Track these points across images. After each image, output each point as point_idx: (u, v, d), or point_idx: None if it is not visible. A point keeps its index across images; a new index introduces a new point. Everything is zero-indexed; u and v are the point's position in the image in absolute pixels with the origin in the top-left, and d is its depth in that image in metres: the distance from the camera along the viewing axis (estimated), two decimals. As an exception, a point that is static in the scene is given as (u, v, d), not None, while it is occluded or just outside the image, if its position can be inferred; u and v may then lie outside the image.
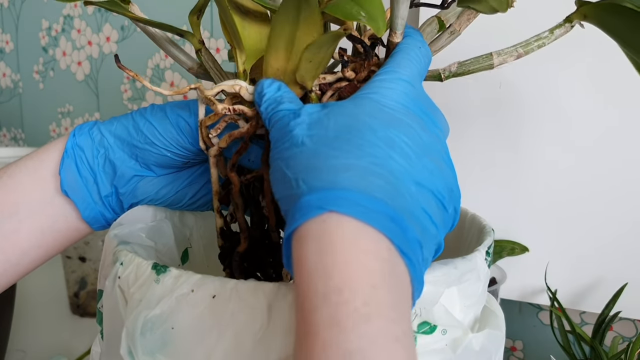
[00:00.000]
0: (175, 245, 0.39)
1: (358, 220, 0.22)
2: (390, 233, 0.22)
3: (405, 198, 0.24)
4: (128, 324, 0.28)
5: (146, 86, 0.33)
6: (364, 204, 0.22)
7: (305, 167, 0.24)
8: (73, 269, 0.74)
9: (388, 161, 0.24)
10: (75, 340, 0.70)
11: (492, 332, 0.30)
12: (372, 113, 0.26)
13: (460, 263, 0.29)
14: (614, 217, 0.56)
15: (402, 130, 0.25)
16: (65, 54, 1.09)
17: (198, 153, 0.35)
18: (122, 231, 0.34)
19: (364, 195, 0.22)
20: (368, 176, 0.23)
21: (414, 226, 0.23)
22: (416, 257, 0.23)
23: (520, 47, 0.30)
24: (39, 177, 0.35)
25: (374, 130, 0.25)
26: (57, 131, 1.16)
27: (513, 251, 0.60)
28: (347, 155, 0.24)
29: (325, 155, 0.24)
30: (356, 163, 0.24)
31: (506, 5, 0.28)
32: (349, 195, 0.22)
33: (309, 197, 0.23)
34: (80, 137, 0.35)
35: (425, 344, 0.27)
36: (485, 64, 0.31)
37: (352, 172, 0.23)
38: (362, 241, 0.22)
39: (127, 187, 0.36)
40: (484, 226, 0.35)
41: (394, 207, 0.23)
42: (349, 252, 0.21)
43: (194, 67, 0.36)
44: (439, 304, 0.27)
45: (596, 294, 0.58)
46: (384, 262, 0.21)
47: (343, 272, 0.21)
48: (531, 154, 0.59)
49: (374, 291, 0.21)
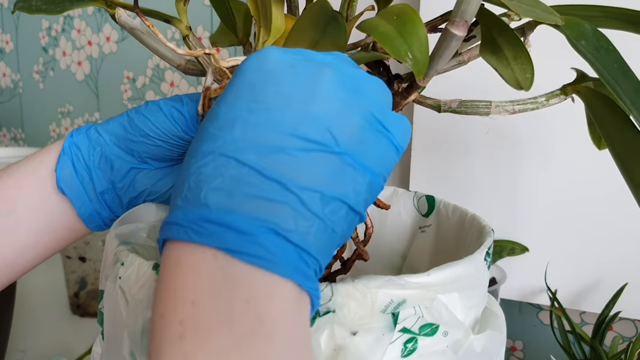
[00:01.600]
0: None
1: (179, 241, 0.22)
2: (211, 239, 0.21)
3: (239, 184, 0.22)
4: (130, 325, 0.28)
5: (162, 41, 0.33)
6: (181, 222, 0.22)
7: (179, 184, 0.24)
8: (73, 269, 0.74)
9: (218, 151, 0.23)
10: (75, 341, 0.70)
11: (493, 333, 0.30)
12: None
13: (460, 266, 0.28)
14: (614, 217, 0.56)
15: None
16: (65, 54, 1.09)
17: None
18: (123, 231, 0.34)
19: (184, 211, 0.22)
20: (193, 184, 0.23)
21: (255, 212, 0.21)
22: (262, 247, 0.21)
23: (517, 105, 0.32)
24: (36, 177, 0.35)
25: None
26: (57, 131, 1.15)
27: (513, 251, 0.60)
28: (187, 169, 0.23)
29: (181, 173, 0.24)
30: (187, 174, 0.23)
31: (530, 84, 0.29)
32: (173, 217, 0.22)
33: (174, 217, 0.23)
34: (77, 137, 0.36)
35: (426, 345, 0.27)
36: (482, 111, 0.33)
37: (182, 187, 0.23)
38: (184, 261, 0.21)
39: (125, 181, 0.37)
40: (483, 227, 0.35)
41: (218, 207, 0.22)
42: (171, 276, 0.21)
43: (182, 64, 0.37)
44: (441, 304, 0.27)
45: (596, 294, 0.58)
46: (207, 272, 0.21)
47: (164, 297, 0.21)
48: (531, 154, 0.59)
49: (193, 308, 0.20)
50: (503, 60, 0.29)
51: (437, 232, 0.42)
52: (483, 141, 0.61)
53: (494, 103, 0.33)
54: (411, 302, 0.27)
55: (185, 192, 0.23)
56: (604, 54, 0.27)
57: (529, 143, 0.59)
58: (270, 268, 0.21)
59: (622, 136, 0.28)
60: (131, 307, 0.28)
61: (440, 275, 0.27)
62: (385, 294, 0.26)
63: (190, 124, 0.35)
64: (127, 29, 0.35)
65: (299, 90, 0.24)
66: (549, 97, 0.32)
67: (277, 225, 0.21)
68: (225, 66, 0.31)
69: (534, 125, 0.59)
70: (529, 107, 0.32)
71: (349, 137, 0.24)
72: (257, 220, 0.21)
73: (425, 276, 0.27)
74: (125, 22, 0.35)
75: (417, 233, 0.43)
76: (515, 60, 0.29)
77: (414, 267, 0.43)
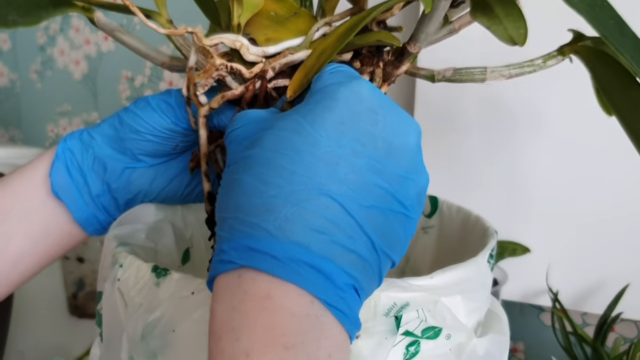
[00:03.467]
0: (175, 246, 0.39)
1: (272, 276, 0.20)
2: (311, 286, 0.21)
3: (339, 231, 0.21)
4: (129, 329, 0.28)
5: (142, 20, 0.32)
6: (279, 256, 0.20)
7: (229, 201, 0.23)
8: (71, 270, 0.74)
9: (322, 189, 0.22)
10: (74, 342, 0.69)
11: (496, 336, 0.30)
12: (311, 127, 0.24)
13: (463, 269, 0.28)
14: (616, 218, 0.56)
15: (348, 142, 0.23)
16: (63, 53, 1.09)
17: (184, 134, 0.35)
18: (121, 232, 0.33)
19: (281, 244, 0.21)
20: (291, 217, 0.21)
21: (347, 266, 0.21)
22: (347, 304, 0.21)
23: (513, 69, 0.32)
24: (31, 183, 0.35)
25: (309, 149, 0.23)
26: (55, 131, 1.15)
27: (514, 252, 0.60)
28: (273, 188, 0.22)
29: (250, 187, 0.22)
30: (280, 200, 0.21)
31: (524, 39, 0.28)
32: (264, 246, 0.21)
33: (227, 247, 0.22)
34: (70, 141, 0.36)
35: (429, 349, 0.27)
36: (478, 77, 0.32)
37: (273, 213, 0.21)
38: (276, 298, 0.20)
39: (120, 182, 0.36)
40: (487, 228, 0.35)
41: (319, 252, 0.21)
42: (260, 311, 0.20)
43: (167, 61, 0.36)
44: (444, 307, 0.27)
45: (598, 295, 0.58)
46: (302, 318, 0.20)
47: (252, 334, 0.20)
48: (532, 155, 0.59)
49: (286, 353, 0.19)
50: (495, 19, 0.29)
51: (440, 233, 0.41)
52: (484, 142, 0.61)
53: (490, 68, 0.32)
54: (414, 305, 0.26)
55: (281, 221, 0.21)
56: (598, 11, 0.26)
57: (533, 144, 0.59)
58: (346, 325, 0.21)
59: (623, 93, 0.28)
60: (130, 311, 0.28)
61: (444, 278, 0.27)
62: (388, 296, 0.26)
63: (179, 114, 0.34)
64: (107, 32, 0.35)
65: (401, 142, 0.24)
66: (545, 58, 0.32)
67: (358, 282, 0.22)
68: (208, 44, 0.30)
69: (538, 124, 0.58)
70: (526, 70, 0.32)
71: (418, 202, 0.24)
72: (349, 275, 0.21)
73: (428, 279, 0.27)
74: (104, 25, 0.34)
75: (419, 234, 0.43)
76: (507, 17, 0.28)
77: (417, 268, 0.43)
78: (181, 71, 0.37)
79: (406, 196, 0.23)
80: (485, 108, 0.60)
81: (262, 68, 0.30)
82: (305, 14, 0.33)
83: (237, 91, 0.30)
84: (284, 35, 0.32)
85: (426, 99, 0.61)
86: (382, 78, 0.32)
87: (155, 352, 0.27)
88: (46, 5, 0.32)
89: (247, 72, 0.30)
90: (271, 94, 0.31)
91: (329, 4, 0.33)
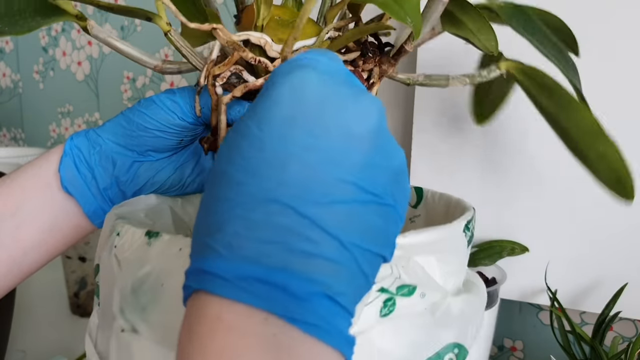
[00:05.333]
0: (173, 225, 0.40)
1: (222, 297, 0.19)
2: (263, 302, 0.19)
3: (294, 237, 0.20)
4: (120, 284, 0.29)
5: (184, 23, 0.33)
6: (227, 276, 0.19)
7: (198, 215, 0.22)
8: (73, 269, 0.74)
9: (270, 195, 0.20)
10: (75, 341, 0.70)
11: (470, 297, 0.31)
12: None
13: (436, 231, 0.29)
14: (614, 217, 0.56)
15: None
16: (65, 54, 1.09)
17: (189, 128, 0.37)
18: (122, 210, 0.35)
19: (229, 262, 0.19)
20: (239, 231, 0.20)
21: (311, 273, 0.19)
22: (316, 315, 0.19)
23: (467, 78, 0.37)
24: (39, 179, 0.37)
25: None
26: (57, 131, 1.15)
27: (513, 251, 0.60)
28: (223, 203, 0.20)
29: (205, 206, 0.21)
30: (228, 215, 0.20)
31: (495, 48, 0.34)
32: (213, 266, 0.20)
33: (186, 270, 0.21)
34: (77, 139, 0.38)
35: (405, 306, 0.27)
36: (442, 83, 0.37)
37: (221, 231, 0.20)
38: (226, 320, 0.19)
39: (128, 175, 0.38)
40: (465, 206, 0.36)
41: (271, 264, 0.19)
42: (212, 334, 0.19)
43: (159, 65, 0.38)
44: (418, 265, 0.28)
45: (596, 294, 0.58)
46: (255, 338, 0.19)
47: (202, 353, 0.19)
48: (532, 154, 0.59)
49: None
50: (469, 33, 0.33)
51: (426, 221, 0.43)
52: (483, 141, 0.61)
53: (451, 76, 0.37)
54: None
55: (229, 238, 0.20)
56: (530, 26, 0.33)
57: (531, 144, 0.59)
58: (323, 338, 0.19)
59: (545, 92, 0.33)
60: (123, 269, 0.29)
61: (416, 238, 0.28)
62: None
63: (185, 109, 0.36)
64: (100, 40, 0.36)
65: (360, 127, 0.21)
66: (488, 71, 0.37)
67: (331, 288, 0.20)
68: (237, 40, 0.32)
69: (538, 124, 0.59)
70: (477, 79, 0.37)
71: (394, 186, 0.22)
72: (313, 282, 0.19)
73: (401, 237, 0.27)
74: (97, 33, 0.35)
75: (407, 224, 0.44)
76: (479, 31, 0.33)
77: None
78: (173, 73, 0.38)
79: (375, 183, 0.21)
80: (484, 108, 0.60)
81: (281, 63, 0.32)
82: (308, 19, 0.36)
83: (257, 82, 0.33)
84: None
85: (425, 96, 0.62)
86: (378, 75, 0.35)
87: (145, 306, 0.28)
88: (33, 15, 0.32)
89: (272, 65, 0.33)
90: None
91: (330, 13, 0.37)
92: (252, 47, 0.33)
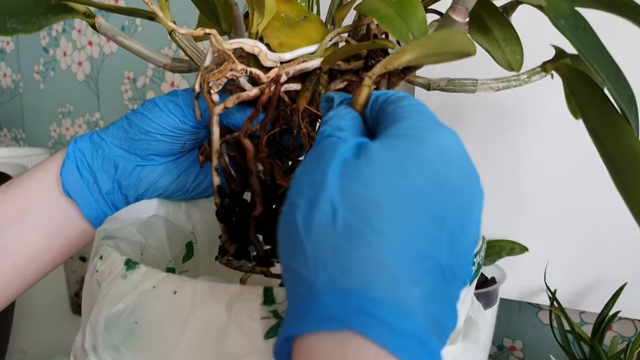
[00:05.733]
0: (167, 241, 0.39)
1: (382, 348, 0.17)
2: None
3: (445, 303, 0.19)
4: (92, 319, 0.28)
5: (151, 7, 0.33)
6: (395, 326, 0.17)
7: (330, 247, 0.18)
8: (74, 269, 0.75)
9: (436, 247, 0.19)
10: (76, 340, 0.70)
11: (466, 345, 0.29)
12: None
13: None
14: (613, 217, 0.56)
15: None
16: (66, 54, 1.10)
17: (192, 131, 0.36)
18: (112, 225, 0.34)
19: (397, 311, 0.17)
20: (407, 279, 0.18)
21: (443, 335, 0.19)
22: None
23: (500, 83, 0.34)
24: (43, 184, 0.36)
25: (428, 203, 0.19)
26: (58, 131, 1.16)
27: (512, 251, 0.60)
28: (386, 241, 0.18)
29: (359, 236, 0.18)
30: (396, 257, 0.18)
31: (520, 65, 0.30)
32: (379, 309, 0.17)
33: (329, 299, 0.18)
34: (81, 142, 0.37)
35: None
36: (469, 89, 0.34)
37: (388, 271, 0.18)
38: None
39: (130, 179, 0.37)
40: None
41: (428, 326, 0.18)
42: None
43: (169, 63, 0.37)
44: None
45: (595, 293, 0.58)
46: None
47: None
48: (531, 153, 0.59)
49: None
50: (493, 42, 0.30)
51: None
52: (483, 141, 0.61)
53: (480, 81, 0.34)
54: None
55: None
56: (581, 33, 0.28)
57: (530, 144, 0.59)
58: None
59: (595, 108, 0.29)
60: (99, 300, 0.28)
61: None
62: None
63: (187, 113, 0.35)
64: (109, 37, 0.36)
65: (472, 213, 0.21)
66: (530, 74, 0.33)
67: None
68: (228, 48, 0.31)
69: (538, 124, 0.59)
70: (513, 84, 0.34)
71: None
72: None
73: None
74: (106, 30, 0.35)
75: None
76: (506, 41, 0.30)
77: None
78: (183, 72, 0.37)
79: (465, 270, 0.21)
80: (485, 107, 0.60)
81: (277, 73, 0.31)
82: (315, 19, 0.34)
83: (251, 93, 0.32)
84: (295, 40, 0.33)
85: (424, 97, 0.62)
86: (385, 87, 0.33)
87: (118, 342, 0.27)
88: (45, 13, 0.33)
89: (264, 77, 0.31)
90: (283, 98, 0.32)
91: (339, 14, 0.35)
92: (248, 55, 0.32)
